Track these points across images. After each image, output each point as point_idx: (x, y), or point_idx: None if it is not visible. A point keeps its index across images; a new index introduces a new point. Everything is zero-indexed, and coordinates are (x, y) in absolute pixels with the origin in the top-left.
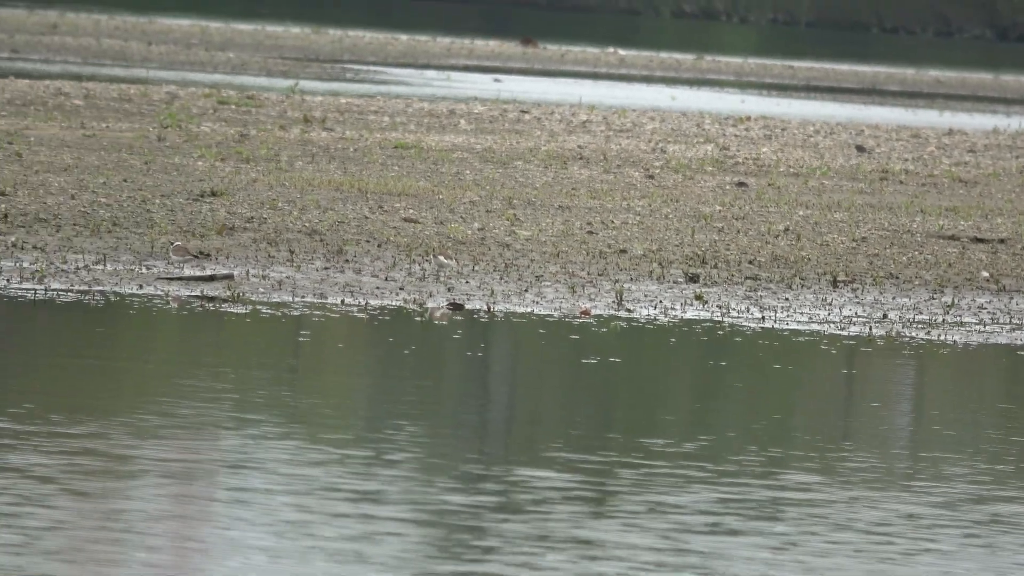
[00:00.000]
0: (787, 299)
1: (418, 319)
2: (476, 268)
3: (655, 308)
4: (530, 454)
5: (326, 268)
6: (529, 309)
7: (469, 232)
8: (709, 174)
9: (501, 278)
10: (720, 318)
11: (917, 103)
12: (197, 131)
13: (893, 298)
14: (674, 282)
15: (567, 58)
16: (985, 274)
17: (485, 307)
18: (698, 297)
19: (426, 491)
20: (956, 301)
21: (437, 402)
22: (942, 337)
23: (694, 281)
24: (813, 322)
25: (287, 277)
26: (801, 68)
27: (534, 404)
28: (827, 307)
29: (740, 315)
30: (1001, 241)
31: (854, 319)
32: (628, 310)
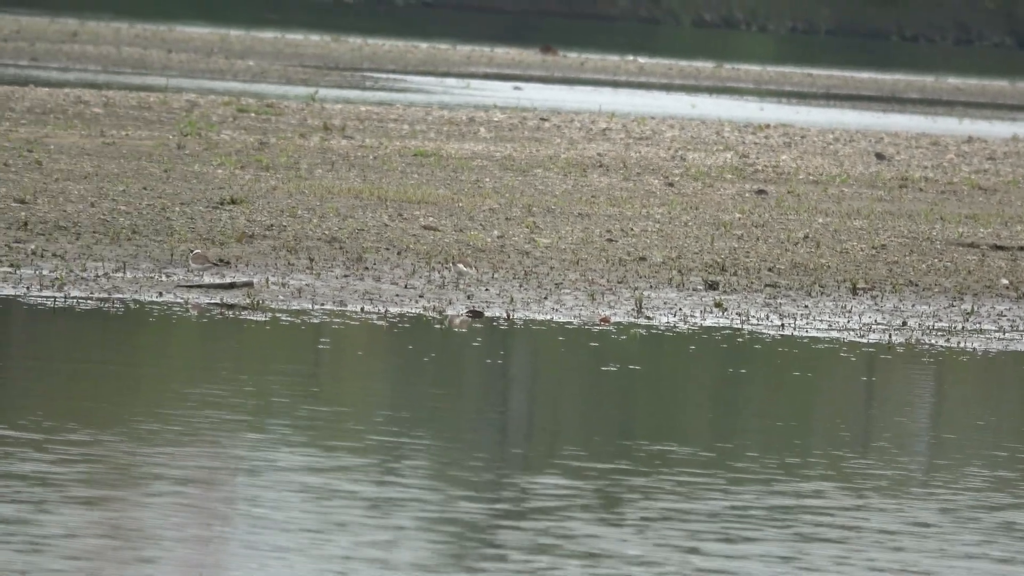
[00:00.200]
0: (807, 306)
1: (438, 326)
2: (496, 275)
3: (675, 315)
4: (549, 461)
5: (346, 276)
6: (549, 317)
7: (489, 240)
8: (729, 182)
9: (521, 285)
10: (740, 325)
11: (937, 111)
12: (217, 139)
13: (913, 305)
14: (693, 289)
15: (587, 66)
16: (1004, 281)
17: (505, 314)
18: (718, 304)
19: (443, 498)
20: (975, 308)
21: (456, 409)
22: (961, 344)
23: (714, 288)
24: (833, 329)
25: (307, 285)
26: (820, 76)
27: (553, 411)
28: (847, 314)
29: (760, 322)
30: (1021, 248)
31: (874, 326)
32: (648, 317)
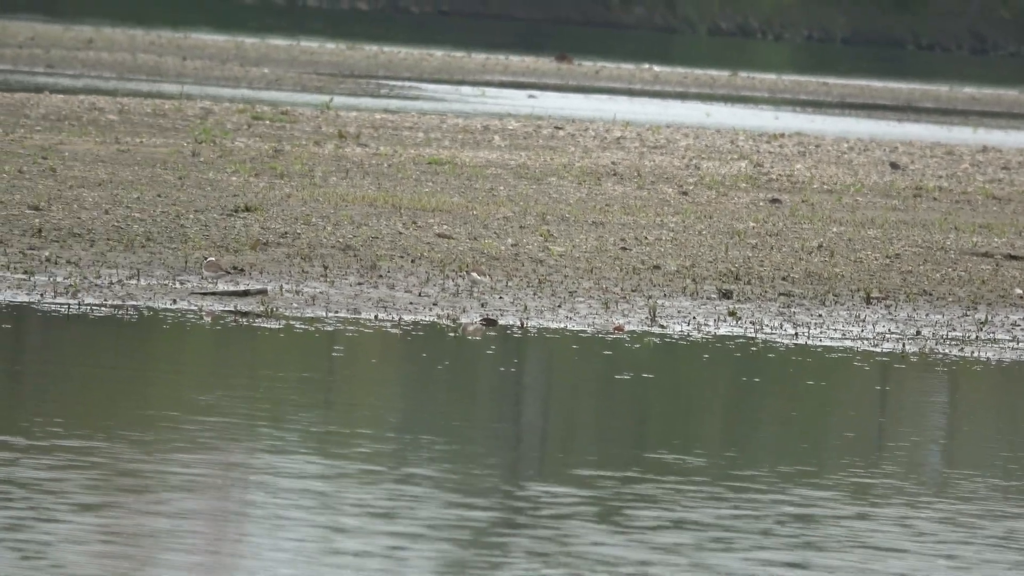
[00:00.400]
0: (820, 315)
1: (451, 335)
2: (509, 284)
3: (688, 324)
4: (561, 470)
5: (360, 283)
6: (562, 325)
7: (503, 248)
8: (743, 190)
9: (534, 294)
10: (753, 334)
11: (951, 120)
12: (231, 146)
13: (926, 315)
14: (707, 298)
15: (602, 74)
16: (1019, 291)
17: (518, 323)
18: (731, 313)
19: (455, 507)
20: (989, 318)
21: (469, 417)
22: (975, 354)
23: (727, 297)
24: (846, 339)
25: (321, 292)
26: (836, 85)
27: (566, 420)
28: (860, 324)
29: (773, 331)
30: None
31: (887, 336)
32: (661, 326)
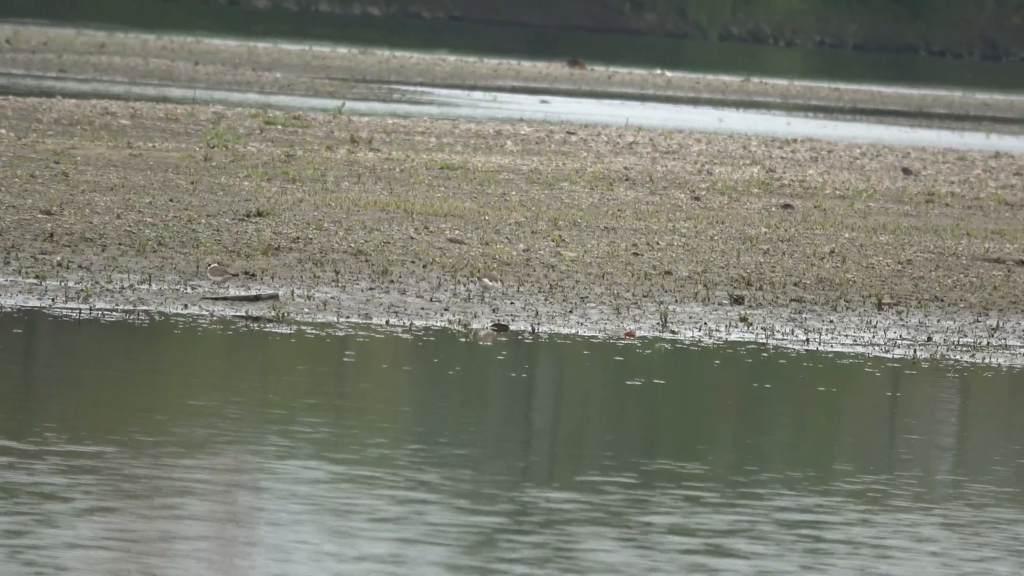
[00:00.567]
0: (832, 321)
1: (463, 340)
2: (521, 289)
3: (700, 330)
4: (572, 476)
5: (371, 288)
6: (574, 330)
7: (514, 253)
8: (755, 196)
9: (546, 299)
10: (765, 340)
11: (964, 126)
12: (243, 151)
13: (938, 321)
14: (719, 304)
15: (614, 80)
16: None
17: (530, 328)
18: (743, 319)
19: (464, 512)
20: (1001, 324)
21: (480, 423)
22: (986, 360)
23: (739, 303)
24: (858, 344)
25: (332, 297)
26: (848, 91)
27: (577, 426)
28: (872, 329)
29: (785, 337)
30: None
31: (899, 342)
32: (673, 332)
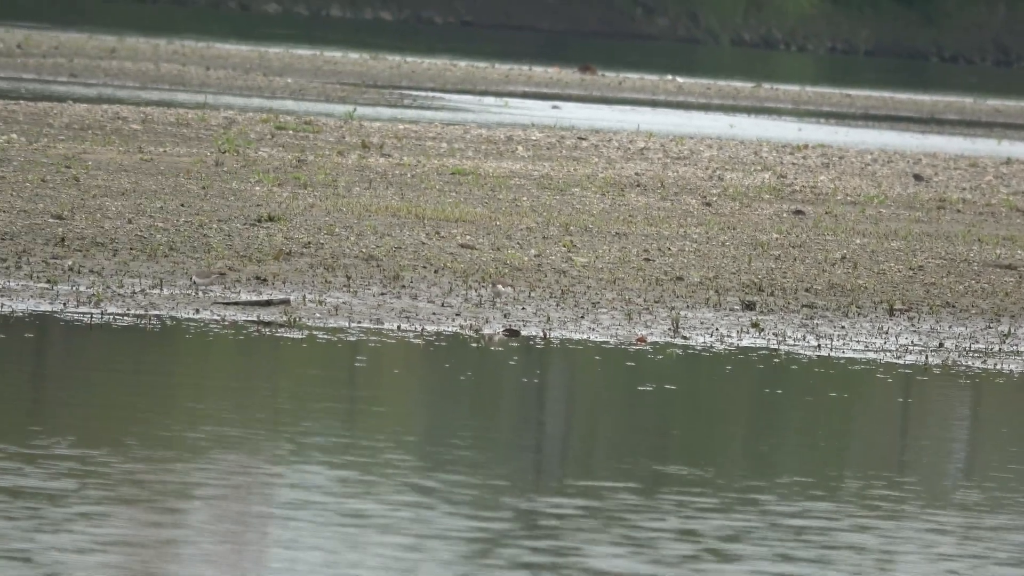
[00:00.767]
0: (843, 327)
1: (474, 345)
2: (532, 294)
3: (711, 336)
4: (582, 482)
5: (383, 294)
6: (585, 336)
7: (526, 258)
8: (766, 202)
9: (557, 304)
10: (776, 346)
11: (975, 132)
12: (255, 156)
13: (949, 327)
14: (730, 310)
15: (625, 85)
16: None
17: (541, 333)
18: (754, 325)
19: (473, 518)
20: (1013, 330)
21: (491, 428)
22: (998, 366)
23: (750, 309)
24: (869, 350)
25: (344, 303)
26: (859, 97)
27: (588, 431)
28: (883, 335)
29: (796, 343)
30: None
31: (910, 348)
32: (684, 337)
